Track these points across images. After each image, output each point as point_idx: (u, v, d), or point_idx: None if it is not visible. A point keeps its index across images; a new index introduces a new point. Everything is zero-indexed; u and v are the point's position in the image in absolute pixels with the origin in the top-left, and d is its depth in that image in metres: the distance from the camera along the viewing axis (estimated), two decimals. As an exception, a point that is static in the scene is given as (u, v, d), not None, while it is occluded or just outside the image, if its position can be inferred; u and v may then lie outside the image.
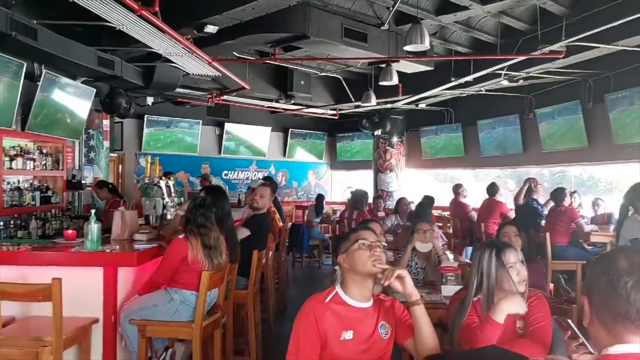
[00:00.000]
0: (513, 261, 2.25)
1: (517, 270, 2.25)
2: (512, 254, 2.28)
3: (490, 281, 2.24)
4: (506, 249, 2.29)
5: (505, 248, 2.30)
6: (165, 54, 6.02)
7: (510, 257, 2.26)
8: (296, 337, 2.02)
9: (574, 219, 6.26)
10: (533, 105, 8.98)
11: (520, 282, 2.25)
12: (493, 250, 2.28)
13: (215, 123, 11.16)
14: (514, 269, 2.24)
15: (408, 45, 5.48)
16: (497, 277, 2.23)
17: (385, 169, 11.43)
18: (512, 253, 2.28)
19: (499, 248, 2.30)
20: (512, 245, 2.39)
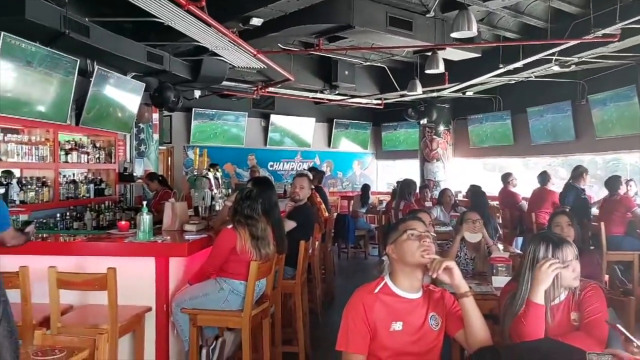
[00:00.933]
0: (570, 258, 2.17)
1: (573, 266, 2.17)
2: (569, 250, 2.19)
3: None
4: (563, 245, 2.19)
5: (562, 244, 2.20)
6: (211, 47, 6.13)
7: (567, 254, 2.17)
8: (345, 327, 2.03)
9: (630, 208, 6.00)
10: (586, 91, 8.66)
11: (574, 278, 2.18)
12: (550, 245, 2.19)
13: (261, 115, 11.28)
14: (571, 265, 2.16)
15: (455, 32, 5.38)
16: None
17: (431, 158, 11.28)
18: (569, 249, 2.19)
19: (555, 243, 2.20)
20: (568, 240, 2.30)
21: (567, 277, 2.17)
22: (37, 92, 5.21)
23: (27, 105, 5.12)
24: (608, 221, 5.71)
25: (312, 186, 6.42)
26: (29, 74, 5.01)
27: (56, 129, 5.72)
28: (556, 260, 2.12)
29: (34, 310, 2.95)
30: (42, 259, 3.14)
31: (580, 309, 2.20)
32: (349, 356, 2.01)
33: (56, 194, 5.70)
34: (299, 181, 4.76)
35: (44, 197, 5.53)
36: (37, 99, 5.24)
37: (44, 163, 5.58)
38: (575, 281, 2.20)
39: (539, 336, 2.06)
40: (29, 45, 4.89)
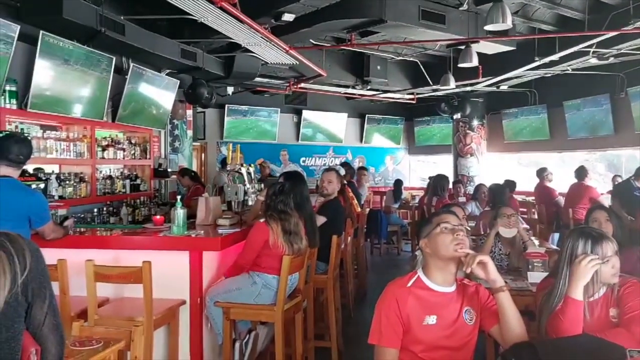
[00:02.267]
0: (610, 254, 2.12)
1: (613, 263, 2.12)
2: (609, 246, 2.13)
3: None
4: (603, 241, 2.14)
5: (602, 240, 2.15)
6: (244, 44, 6.19)
7: (607, 250, 2.12)
8: (378, 320, 2.02)
9: (674, 203, 5.79)
10: (625, 83, 8.39)
11: (613, 274, 2.13)
12: (589, 241, 2.14)
13: (293, 111, 11.35)
14: (610, 262, 2.11)
15: (489, 25, 5.29)
16: None
17: (465, 153, 11.12)
18: (609, 245, 2.14)
19: (595, 239, 2.15)
20: (608, 235, 2.24)
21: (606, 273, 2.12)
22: (74, 90, 5.35)
23: (65, 102, 5.27)
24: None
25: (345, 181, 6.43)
26: (67, 72, 5.15)
27: (93, 126, 5.86)
28: (595, 256, 2.08)
29: (72, 303, 3.04)
30: (80, 252, 3.22)
31: (620, 305, 2.15)
32: (382, 350, 2.00)
33: (93, 190, 5.85)
34: (326, 176, 4.76)
35: (81, 193, 5.68)
36: (74, 96, 5.38)
37: (82, 159, 5.73)
38: (615, 277, 2.15)
39: (577, 332, 2.02)
40: (67, 44, 5.03)
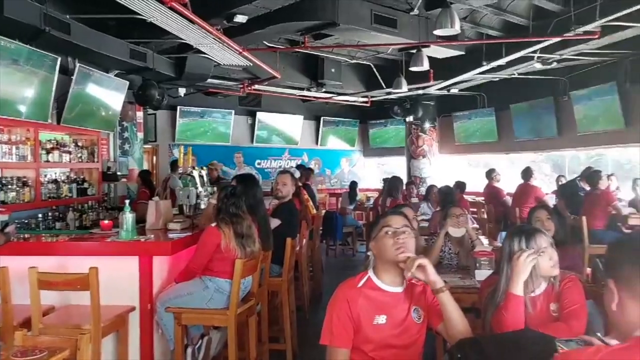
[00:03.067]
0: (544, 246, 2.22)
1: (549, 254, 2.22)
2: (542, 238, 2.25)
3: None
4: (536, 234, 2.25)
5: (535, 233, 2.26)
6: (196, 45, 6.11)
7: (541, 243, 2.23)
8: (329, 321, 2.04)
9: (610, 202, 6.11)
10: (567, 87, 8.77)
11: (552, 266, 2.22)
12: (523, 237, 2.25)
13: (248, 112, 11.27)
14: (546, 253, 2.21)
15: (438, 29, 5.42)
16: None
17: (417, 155, 11.36)
18: (543, 237, 2.25)
19: (528, 234, 2.26)
20: (541, 229, 2.35)
21: (545, 266, 2.21)
22: (17, 91, 5.15)
23: (6, 104, 5.05)
24: (590, 215, 5.80)
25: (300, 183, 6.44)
26: (9, 73, 4.95)
27: (37, 128, 5.66)
28: (531, 250, 2.17)
29: (15, 312, 2.92)
30: (24, 259, 3.10)
31: (560, 300, 2.24)
32: (333, 350, 2.02)
33: (37, 194, 5.64)
34: (281, 178, 4.76)
35: (24, 197, 5.47)
36: (17, 98, 5.18)
37: (25, 163, 5.52)
38: (554, 269, 2.24)
39: (520, 327, 2.09)
40: (8, 42, 4.83)
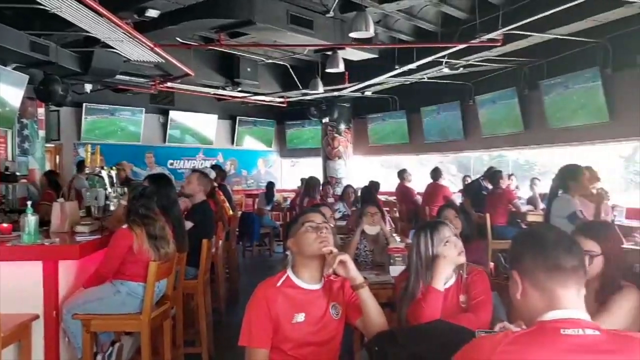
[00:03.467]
0: (448, 235, 2.36)
1: (454, 242, 2.35)
2: (445, 229, 2.38)
3: (428, 260, 2.34)
4: (439, 226, 2.40)
5: (438, 225, 2.41)
6: (103, 38, 5.81)
7: (444, 232, 2.36)
8: (248, 322, 2.02)
9: (511, 200, 6.57)
10: (473, 92, 9.27)
11: (459, 254, 2.35)
12: (427, 230, 2.38)
13: (160, 111, 10.90)
14: (451, 242, 2.34)
15: (353, 32, 5.53)
16: (435, 254, 2.32)
17: (333, 156, 11.54)
18: (446, 228, 2.39)
19: (432, 227, 2.40)
20: (444, 222, 2.50)
21: (451, 254, 2.33)
22: None
23: None
24: (492, 212, 6.19)
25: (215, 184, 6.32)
26: None
27: None
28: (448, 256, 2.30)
29: None
30: None
31: (468, 291, 2.37)
32: (252, 351, 2.01)
33: None
34: (187, 176, 4.68)
35: None
36: None
37: None
38: (461, 257, 2.37)
39: (436, 318, 2.19)
40: None
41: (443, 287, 2.28)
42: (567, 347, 1.23)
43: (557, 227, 1.40)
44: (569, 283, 1.33)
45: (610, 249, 2.24)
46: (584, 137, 7.42)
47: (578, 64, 7.14)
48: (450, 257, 2.33)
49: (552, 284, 1.33)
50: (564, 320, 1.28)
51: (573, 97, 7.27)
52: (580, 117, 7.24)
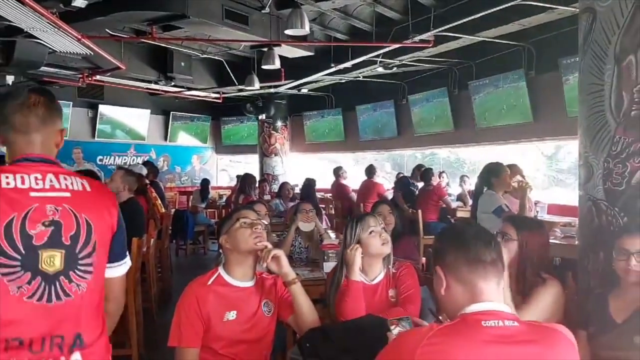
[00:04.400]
0: (373, 225, 2.41)
1: (378, 232, 2.41)
2: (371, 219, 2.44)
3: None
4: (366, 217, 2.46)
5: (365, 216, 2.47)
6: (27, 28, 5.50)
7: (370, 222, 2.42)
8: (178, 321, 2.00)
9: (441, 196, 6.81)
10: (406, 91, 9.50)
11: (383, 244, 2.41)
12: (354, 221, 2.45)
13: (88, 105, 10.44)
14: (375, 232, 2.40)
15: (289, 29, 5.53)
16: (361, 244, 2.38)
17: (270, 153, 11.50)
18: (372, 219, 2.45)
19: (359, 218, 2.46)
20: (371, 213, 2.57)
21: (375, 245, 2.40)
22: None
23: None
24: (424, 209, 6.39)
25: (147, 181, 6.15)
26: None
27: None
28: (356, 245, 2.36)
29: None
30: None
31: (397, 286, 2.44)
32: (182, 351, 1.98)
33: None
34: (112, 175, 4.54)
35: None
36: None
37: None
38: (385, 247, 2.43)
39: (360, 311, 2.24)
40: None
41: (360, 277, 2.33)
42: (487, 338, 1.29)
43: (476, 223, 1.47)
44: (489, 276, 1.40)
45: (528, 240, 2.37)
46: (510, 136, 7.77)
47: (504, 66, 7.45)
48: (373, 246, 2.38)
49: (474, 277, 1.39)
50: (485, 313, 1.35)
51: (499, 98, 7.60)
52: (506, 117, 7.59)
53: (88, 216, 1.52)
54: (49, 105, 1.61)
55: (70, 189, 1.53)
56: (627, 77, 2.52)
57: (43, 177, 1.49)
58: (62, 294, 1.45)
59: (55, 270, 1.44)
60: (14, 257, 1.40)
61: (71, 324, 1.46)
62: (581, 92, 2.85)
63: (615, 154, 2.57)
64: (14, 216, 1.41)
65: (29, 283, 1.41)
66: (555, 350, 1.32)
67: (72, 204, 1.51)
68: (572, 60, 6.04)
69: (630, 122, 2.51)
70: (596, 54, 2.66)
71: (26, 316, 1.40)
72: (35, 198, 1.45)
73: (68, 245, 1.47)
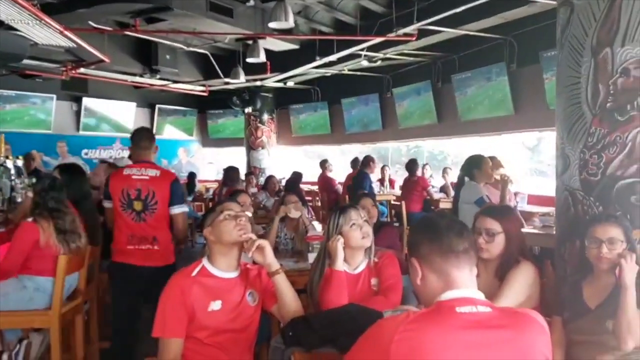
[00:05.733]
0: (355, 218, 2.44)
1: (360, 225, 2.45)
2: (353, 212, 2.47)
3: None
4: (348, 209, 2.48)
5: (347, 208, 2.49)
6: (7, 20, 5.43)
7: (352, 215, 2.45)
8: (162, 312, 2.01)
9: (425, 187, 6.89)
10: (390, 84, 9.55)
11: (363, 238, 2.45)
12: (337, 212, 2.47)
13: (72, 98, 10.34)
14: (357, 225, 2.44)
15: (273, 22, 5.53)
16: (342, 236, 2.41)
17: (256, 146, 11.50)
18: (354, 212, 2.47)
19: (342, 209, 2.48)
20: (354, 205, 2.60)
21: (356, 237, 2.43)
22: None
23: None
24: (408, 200, 6.47)
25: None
26: None
27: None
28: (339, 236, 2.39)
29: None
30: None
31: (379, 275, 2.48)
32: (166, 341, 1.99)
33: None
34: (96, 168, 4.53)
35: None
36: None
37: None
38: (365, 241, 2.46)
39: (343, 300, 2.27)
40: None
41: (342, 267, 2.36)
42: (461, 323, 1.33)
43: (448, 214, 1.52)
44: (462, 264, 1.45)
45: (511, 228, 2.44)
46: (492, 128, 7.86)
47: (486, 59, 7.53)
48: (353, 238, 2.42)
49: (447, 266, 1.44)
50: (459, 299, 1.39)
51: (482, 91, 7.68)
52: (488, 110, 7.68)
53: (154, 188, 3.25)
54: (152, 137, 3.53)
55: (149, 175, 3.27)
56: (603, 70, 2.58)
57: (139, 169, 3.30)
58: (144, 218, 3.24)
59: (139, 210, 3.23)
60: (124, 203, 3.21)
61: (150, 231, 3.26)
62: (559, 84, 2.91)
63: (591, 145, 2.64)
64: (126, 186, 3.23)
65: (130, 214, 3.24)
66: (527, 335, 1.37)
67: (148, 182, 3.26)
68: (553, 53, 6.12)
69: (606, 113, 2.58)
70: (574, 47, 2.72)
71: (132, 227, 3.25)
72: (134, 179, 3.25)
73: (143, 199, 3.23)
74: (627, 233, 2.23)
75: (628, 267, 2.11)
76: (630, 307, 2.07)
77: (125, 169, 3.32)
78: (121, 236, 3.25)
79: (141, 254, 3.23)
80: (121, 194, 3.22)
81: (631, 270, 2.11)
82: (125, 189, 3.22)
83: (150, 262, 3.24)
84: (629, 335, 2.05)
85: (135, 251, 3.22)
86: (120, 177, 3.28)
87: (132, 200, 3.21)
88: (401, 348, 1.29)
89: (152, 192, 3.22)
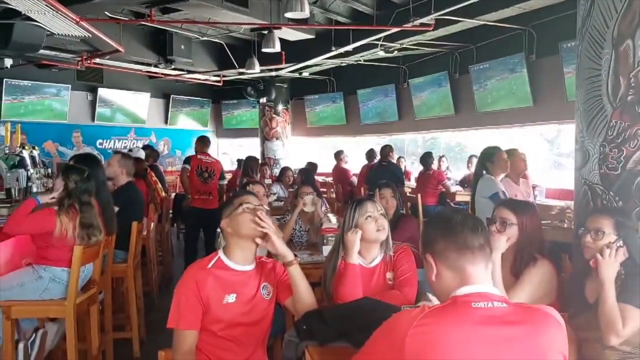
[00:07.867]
0: (370, 210, 2.42)
1: (375, 217, 2.42)
2: (369, 205, 2.45)
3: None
4: (364, 201, 2.46)
5: (364, 200, 2.47)
6: (25, 11, 5.46)
7: (368, 207, 2.43)
8: (177, 303, 2.01)
9: (441, 181, 6.82)
10: (407, 75, 9.46)
11: (378, 230, 2.42)
12: (353, 204, 2.45)
13: (88, 88, 10.40)
14: (372, 217, 2.41)
15: (289, 12, 5.49)
16: (355, 227, 2.39)
17: (271, 136, 11.48)
18: (370, 204, 2.45)
19: (358, 202, 2.46)
20: (371, 199, 2.57)
21: (371, 230, 2.41)
22: None
23: None
24: (423, 193, 6.41)
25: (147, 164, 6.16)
26: None
27: None
28: (353, 229, 2.37)
29: None
30: None
31: (394, 269, 2.46)
32: (181, 333, 1.99)
33: None
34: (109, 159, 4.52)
35: None
36: None
37: None
38: (381, 234, 2.44)
39: (357, 294, 2.26)
40: None
41: (357, 260, 2.35)
42: (477, 318, 1.32)
43: (462, 210, 1.49)
44: (477, 260, 1.43)
45: (526, 222, 2.40)
46: (510, 120, 7.76)
47: (505, 50, 7.42)
48: (368, 231, 2.40)
49: (463, 262, 1.43)
50: (474, 294, 1.38)
51: (500, 82, 7.57)
52: (506, 101, 7.57)
53: (215, 168, 6.27)
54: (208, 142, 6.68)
55: (212, 159, 6.39)
56: (624, 62, 2.51)
57: (205, 155, 6.35)
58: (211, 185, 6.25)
59: (208, 180, 6.22)
60: (204, 176, 6.22)
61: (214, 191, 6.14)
62: (579, 76, 2.84)
63: (611, 139, 2.58)
64: (200, 164, 6.17)
65: (203, 182, 6.19)
66: (543, 331, 1.36)
67: (211, 164, 6.30)
68: (573, 44, 6.00)
69: (627, 106, 2.51)
70: (594, 38, 2.65)
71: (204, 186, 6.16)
72: (204, 161, 6.22)
73: (211, 172, 6.21)
74: (619, 227, 2.18)
75: (605, 262, 2.08)
76: (607, 303, 2.04)
77: (198, 155, 6.35)
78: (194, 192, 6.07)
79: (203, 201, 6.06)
80: (198, 168, 6.11)
81: (609, 265, 2.08)
82: (199, 165, 6.13)
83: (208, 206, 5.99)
84: (610, 331, 2.02)
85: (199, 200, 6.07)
86: (196, 159, 6.25)
87: (203, 172, 6.08)
88: (416, 342, 1.29)
89: (213, 169, 6.21)
